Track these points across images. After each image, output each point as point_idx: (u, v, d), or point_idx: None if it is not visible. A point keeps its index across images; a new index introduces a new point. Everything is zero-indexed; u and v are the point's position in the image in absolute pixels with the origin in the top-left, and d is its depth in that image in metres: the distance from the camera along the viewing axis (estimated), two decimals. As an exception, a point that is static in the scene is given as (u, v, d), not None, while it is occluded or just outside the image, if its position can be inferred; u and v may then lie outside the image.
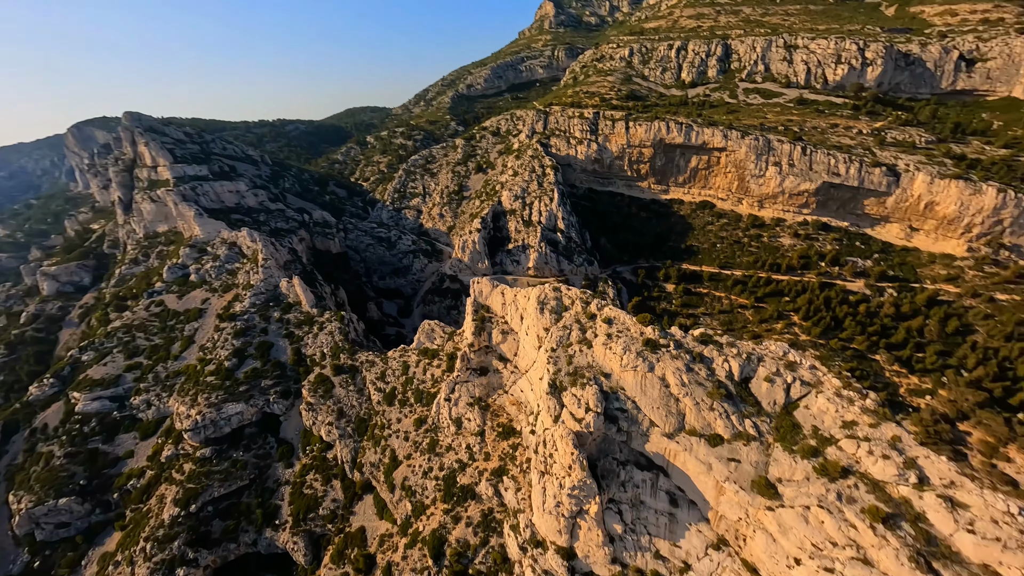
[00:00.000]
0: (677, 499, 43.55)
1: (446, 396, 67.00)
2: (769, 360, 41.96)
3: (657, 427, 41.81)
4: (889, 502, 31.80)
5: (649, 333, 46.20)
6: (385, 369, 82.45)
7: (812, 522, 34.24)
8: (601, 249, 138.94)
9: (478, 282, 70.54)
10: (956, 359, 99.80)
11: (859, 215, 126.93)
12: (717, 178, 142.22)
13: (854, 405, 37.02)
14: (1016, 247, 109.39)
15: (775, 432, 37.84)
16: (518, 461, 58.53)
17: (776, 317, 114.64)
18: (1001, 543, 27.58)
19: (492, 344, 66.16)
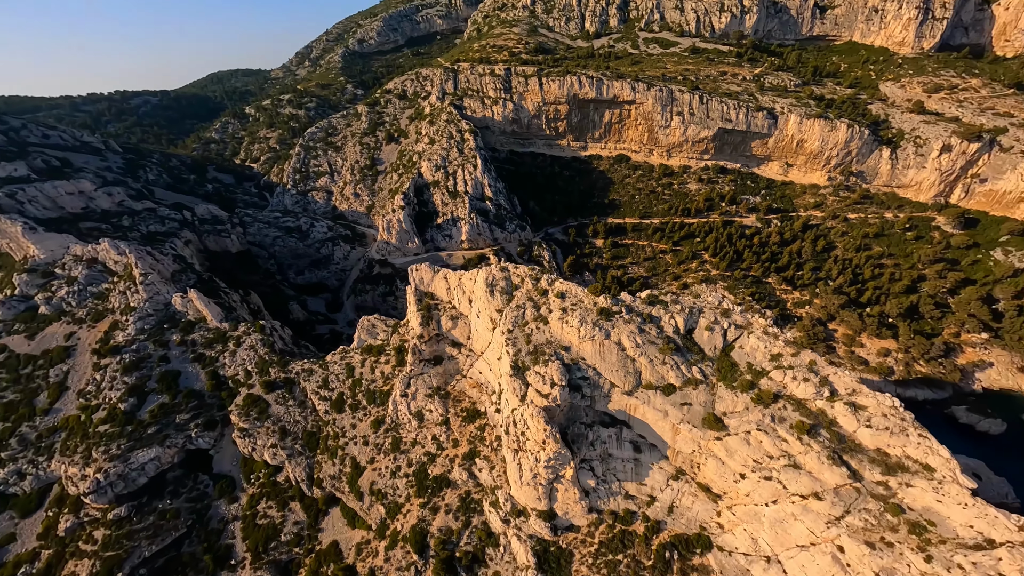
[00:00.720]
0: (640, 446, 47.50)
1: (402, 392, 63.62)
2: (708, 311, 46.11)
3: (617, 387, 44.28)
4: (810, 415, 38.05)
5: (602, 302, 47.46)
6: (327, 375, 75.26)
7: (752, 443, 39.69)
8: (531, 212, 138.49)
9: (417, 269, 65.59)
10: (824, 272, 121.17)
11: (748, 157, 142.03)
12: (629, 131, 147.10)
13: (778, 340, 42.75)
14: (860, 173, 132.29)
15: (717, 373, 42.53)
16: (487, 441, 58.81)
17: (691, 257, 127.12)
18: (889, 431, 34.77)
19: (443, 331, 63.26)
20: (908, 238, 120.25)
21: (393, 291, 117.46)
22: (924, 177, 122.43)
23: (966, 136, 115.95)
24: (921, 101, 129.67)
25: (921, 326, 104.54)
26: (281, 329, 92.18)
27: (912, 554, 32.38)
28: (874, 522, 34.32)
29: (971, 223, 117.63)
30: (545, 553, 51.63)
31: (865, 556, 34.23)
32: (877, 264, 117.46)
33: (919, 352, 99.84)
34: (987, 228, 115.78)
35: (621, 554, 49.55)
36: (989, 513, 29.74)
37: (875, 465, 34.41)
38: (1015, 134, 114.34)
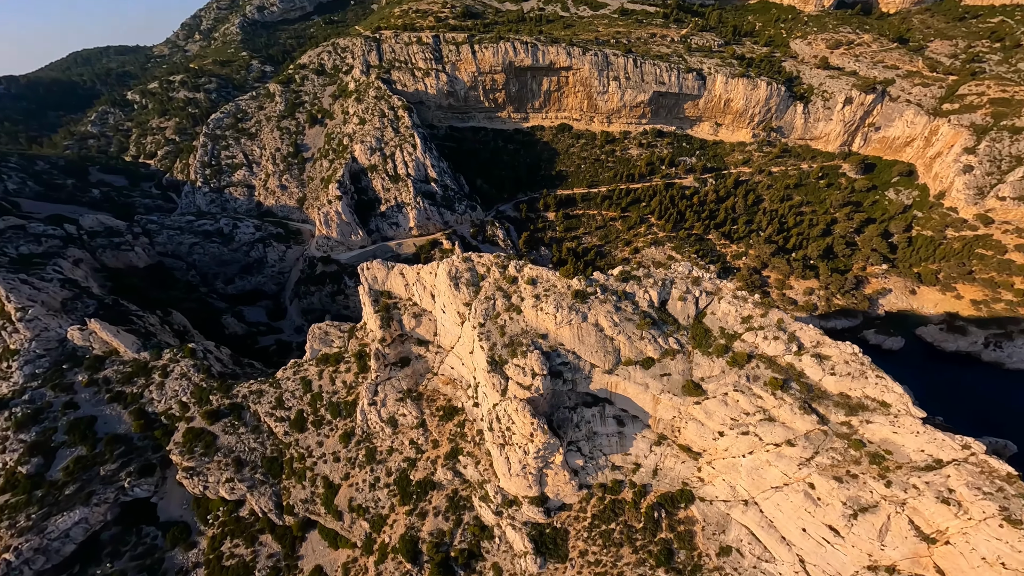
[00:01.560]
0: (623, 419, 47.33)
1: (370, 400, 58.17)
2: (679, 281, 45.68)
3: (598, 368, 43.02)
4: (780, 371, 39.46)
5: (576, 285, 45.09)
6: (280, 394, 66.95)
7: (730, 403, 40.60)
8: (479, 191, 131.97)
9: (368, 268, 58.55)
10: (756, 224, 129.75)
11: (681, 119, 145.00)
12: (569, 99, 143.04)
13: (747, 303, 43.51)
14: (779, 128, 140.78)
15: (693, 341, 42.67)
16: (469, 436, 56.05)
17: (639, 222, 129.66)
18: (851, 376, 36.91)
19: (406, 331, 57.92)
20: (821, 186, 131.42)
21: (342, 289, 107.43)
22: (831, 129, 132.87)
23: (863, 88, 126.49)
24: (826, 57, 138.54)
25: (836, 264, 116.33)
26: (217, 349, 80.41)
27: (874, 482, 35.14)
28: (840, 458, 36.81)
29: (869, 168, 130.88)
30: (541, 536, 51.12)
31: (834, 489, 36.78)
32: (798, 212, 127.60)
33: (836, 288, 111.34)
34: (882, 171, 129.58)
35: (613, 523, 50.30)
36: (937, 437, 32.78)
37: (839, 408, 36.71)
38: (901, 85, 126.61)
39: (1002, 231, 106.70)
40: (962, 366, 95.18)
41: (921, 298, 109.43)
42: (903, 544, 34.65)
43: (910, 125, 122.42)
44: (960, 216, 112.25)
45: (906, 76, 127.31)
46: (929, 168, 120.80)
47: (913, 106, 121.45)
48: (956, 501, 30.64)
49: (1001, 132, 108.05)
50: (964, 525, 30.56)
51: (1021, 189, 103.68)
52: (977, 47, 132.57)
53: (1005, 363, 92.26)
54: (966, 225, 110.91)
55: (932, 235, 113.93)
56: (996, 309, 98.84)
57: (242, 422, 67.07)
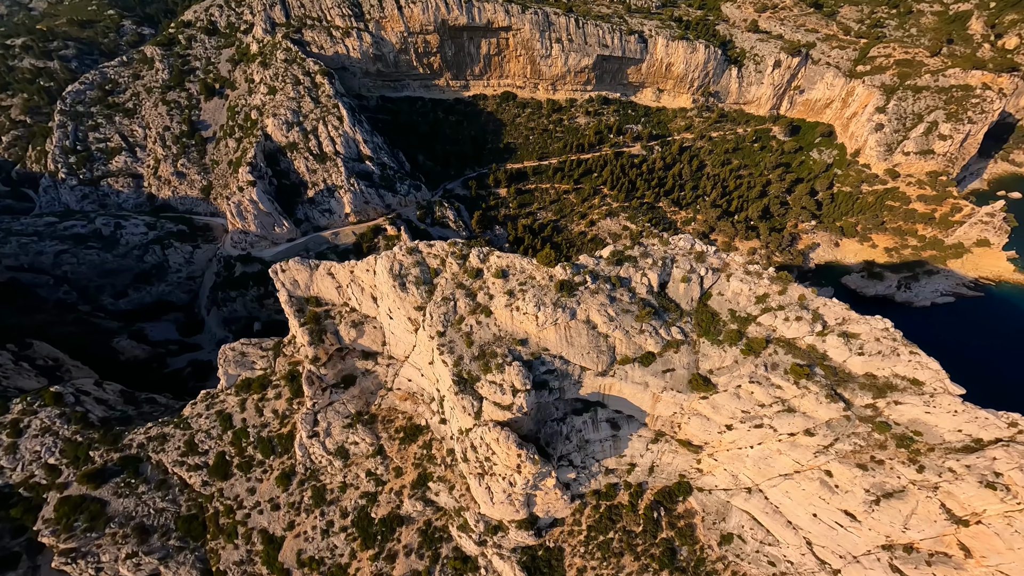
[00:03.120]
0: (617, 421, 39.01)
1: (309, 432, 44.45)
2: (681, 259, 36.56)
3: (589, 370, 33.75)
4: (801, 355, 32.65)
5: (560, 274, 34.12)
6: (191, 435, 50.18)
7: (743, 396, 33.38)
8: (422, 168, 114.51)
9: (284, 269, 42.87)
10: (701, 189, 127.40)
11: (625, 85, 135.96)
12: (511, 64, 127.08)
13: (762, 279, 35.72)
14: (716, 93, 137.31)
15: (698, 329, 34.48)
16: (438, 459, 45.03)
17: (593, 194, 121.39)
18: (881, 354, 30.95)
19: (345, 344, 44.15)
20: (755, 149, 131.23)
21: (271, 292, 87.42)
22: (762, 92, 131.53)
23: (790, 51, 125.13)
24: (755, 21, 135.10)
25: (772, 223, 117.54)
26: (98, 387, 59.72)
27: (903, 467, 29.88)
28: (863, 444, 31.27)
29: (795, 130, 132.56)
30: (533, 560, 42.55)
31: (856, 477, 31.28)
32: (737, 176, 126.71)
33: (775, 246, 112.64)
34: (806, 133, 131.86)
35: (611, 531, 42.98)
36: (980, 416, 27.89)
37: (865, 391, 31.01)
38: (821, 48, 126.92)
39: (906, 184, 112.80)
40: (882, 308, 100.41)
41: (844, 249, 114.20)
42: (930, 527, 30.11)
43: (830, 87, 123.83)
44: (873, 172, 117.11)
45: (825, 39, 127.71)
46: (846, 128, 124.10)
47: (832, 68, 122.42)
48: (1004, 485, 25.86)
49: (906, 92, 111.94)
50: (1010, 508, 25.93)
51: (922, 144, 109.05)
52: (878, 13, 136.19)
53: (913, 302, 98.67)
54: (877, 180, 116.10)
55: (850, 191, 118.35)
56: (905, 255, 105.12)
57: (141, 478, 49.71)
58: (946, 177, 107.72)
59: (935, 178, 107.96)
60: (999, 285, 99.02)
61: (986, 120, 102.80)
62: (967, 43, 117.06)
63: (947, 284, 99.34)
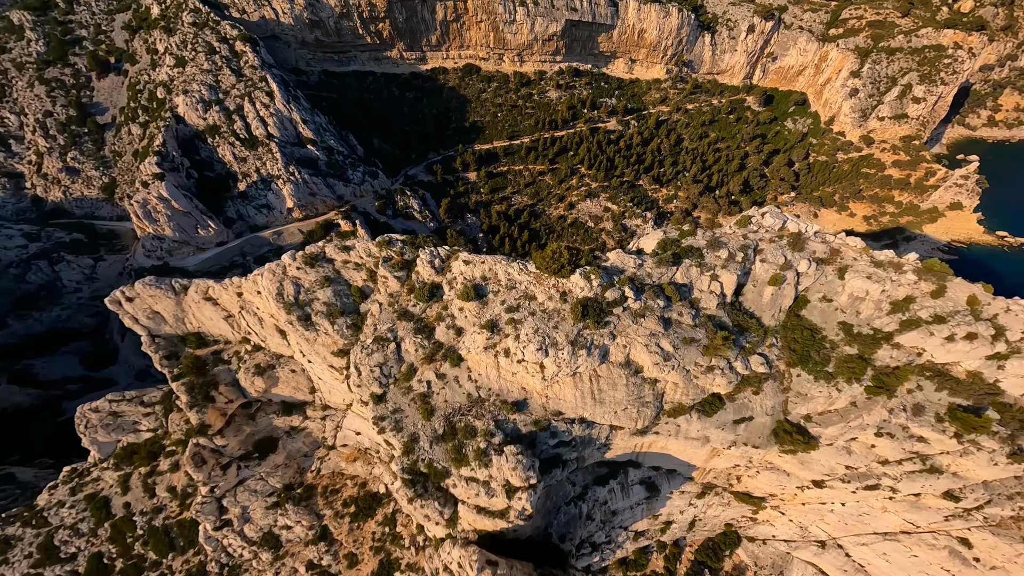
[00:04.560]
0: (654, 480, 28.42)
1: (216, 524, 30.64)
2: (769, 248, 23.57)
3: (623, 430, 22.21)
4: (962, 388, 21.02)
5: (579, 288, 21.02)
6: (49, 535, 34.38)
7: (857, 451, 22.65)
8: (379, 153, 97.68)
9: (131, 296, 27.96)
10: (681, 165, 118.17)
11: (596, 55, 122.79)
12: (471, 32, 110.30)
13: (903, 272, 22.81)
14: (690, 63, 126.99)
15: (789, 354, 22.71)
16: (405, 539, 32.69)
17: (570, 174, 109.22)
18: None
19: (254, 395, 30.19)
20: (731, 120, 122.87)
21: (199, 308, 69.97)
22: (736, 60, 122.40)
23: (762, 15, 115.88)
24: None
25: (753, 196, 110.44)
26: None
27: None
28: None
29: (769, 100, 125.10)
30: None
31: (1017, 555, 21.65)
32: (716, 149, 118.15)
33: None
34: (780, 102, 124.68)
35: (640, 597, 32.88)
36: None
37: None
38: (793, 11, 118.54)
39: (881, 150, 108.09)
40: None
41: (823, 220, 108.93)
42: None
43: (803, 53, 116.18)
44: (848, 139, 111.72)
45: (796, 2, 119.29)
46: (820, 95, 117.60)
47: (805, 32, 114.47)
48: None
49: (880, 54, 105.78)
50: None
51: (896, 108, 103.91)
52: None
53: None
54: (852, 147, 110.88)
55: (826, 160, 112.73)
56: (883, 222, 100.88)
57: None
58: (919, 141, 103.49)
59: (908, 143, 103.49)
60: (971, 247, 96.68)
61: (957, 81, 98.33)
62: (926, 7, 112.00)
63: (924, 249, 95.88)
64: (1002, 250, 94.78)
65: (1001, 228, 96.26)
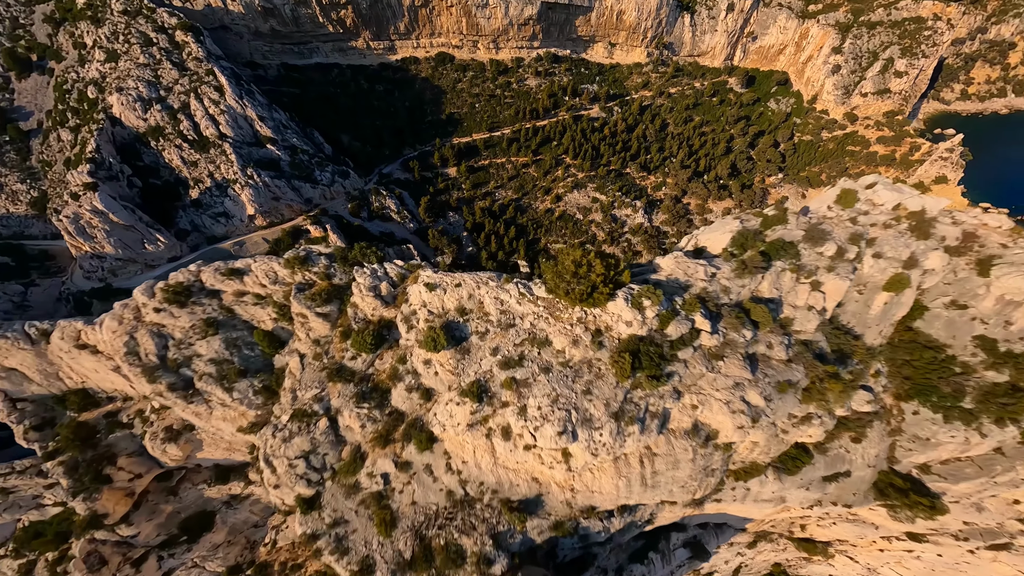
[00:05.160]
0: (700, 540, 23.02)
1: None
2: (886, 238, 16.08)
3: (675, 503, 16.07)
4: None
5: (622, 323, 13.24)
6: None
7: (992, 507, 17.33)
8: (349, 151, 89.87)
9: None
10: (668, 151, 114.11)
11: (574, 40, 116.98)
12: (442, 17, 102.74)
13: None
14: (670, 45, 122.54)
15: (900, 383, 16.10)
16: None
17: (555, 165, 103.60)
18: None
19: (169, 464, 22.51)
20: (715, 103, 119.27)
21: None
22: (716, 41, 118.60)
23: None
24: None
25: (742, 180, 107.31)
26: None
27: None
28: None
29: (751, 81, 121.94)
30: None
31: None
32: (701, 133, 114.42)
33: (748, 204, 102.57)
34: (761, 83, 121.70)
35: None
36: None
37: None
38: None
39: (864, 126, 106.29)
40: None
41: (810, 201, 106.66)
42: None
43: (783, 31, 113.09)
44: (831, 117, 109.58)
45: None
46: (801, 74, 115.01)
47: (785, 9, 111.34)
48: None
49: (861, 28, 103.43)
50: None
51: (879, 83, 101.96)
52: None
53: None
54: (836, 125, 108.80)
55: (811, 139, 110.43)
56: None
57: None
58: (902, 117, 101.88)
59: (892, 118, 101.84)
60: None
61: (937, 53, 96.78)
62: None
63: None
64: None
65: (983, 200, 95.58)
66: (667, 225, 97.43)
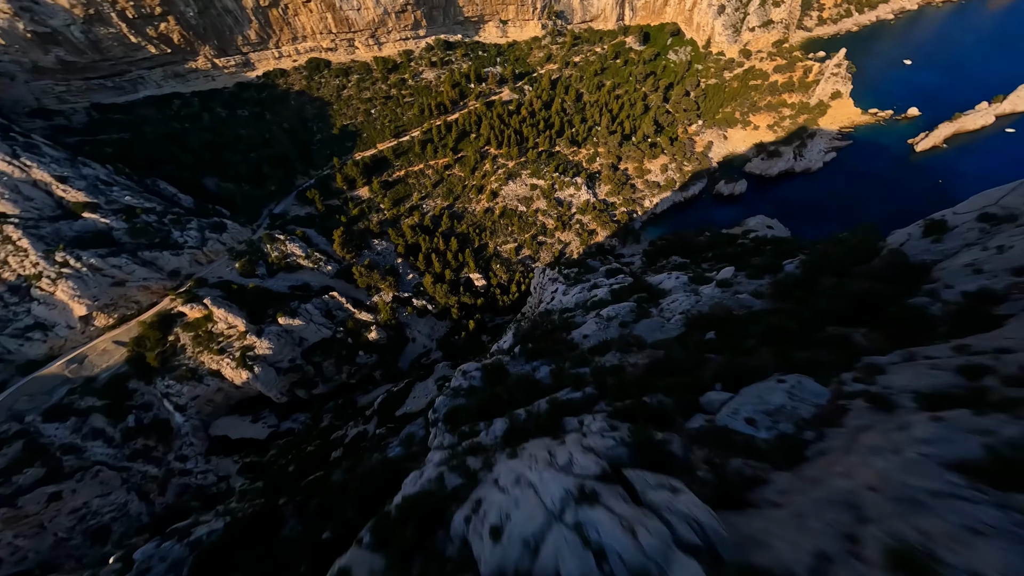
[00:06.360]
0: None
1: None
2: None
3: None
4: None
5: None
6: None
7: None
8: (219, 196, 69.76)
9: None
10: (591, 120, 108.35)
11: (463, 23, 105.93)
12: (301, 17, 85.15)
13: None
14: (561, 14, 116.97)
15: None
16: None
17: (480, 159, 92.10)
18: None
19: None
20: (619, 65, 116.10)
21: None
22: (605, 4, 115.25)
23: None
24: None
25: (667, 133, 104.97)
26: None
27: None
28: None
29: (647, 38, 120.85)
30: None
31: None
32: (616, 96, 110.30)
33: (681, 156, 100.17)
34: (656, 37, 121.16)
35: None
36: None
37: None
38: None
39: (759, 59, 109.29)
40: (790, 182, 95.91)
41: (733, 140, 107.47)
42: None
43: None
44: (728, 57, 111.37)
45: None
46: (691, 22, 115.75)
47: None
48: None
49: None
50: None
51: (762, 15, 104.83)
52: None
53: (811, 168, 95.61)
54: (735, 63, 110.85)
55: (716, 81, 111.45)
56: (785, 127, 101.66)
57: None
58: (788, 44, 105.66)
59: (780, 47, 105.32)
60: (856, 129, 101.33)
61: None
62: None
63: (824, 143, 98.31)
64: (879, 124, 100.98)
65: (872, 106, 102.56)
66: (612, 195, 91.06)
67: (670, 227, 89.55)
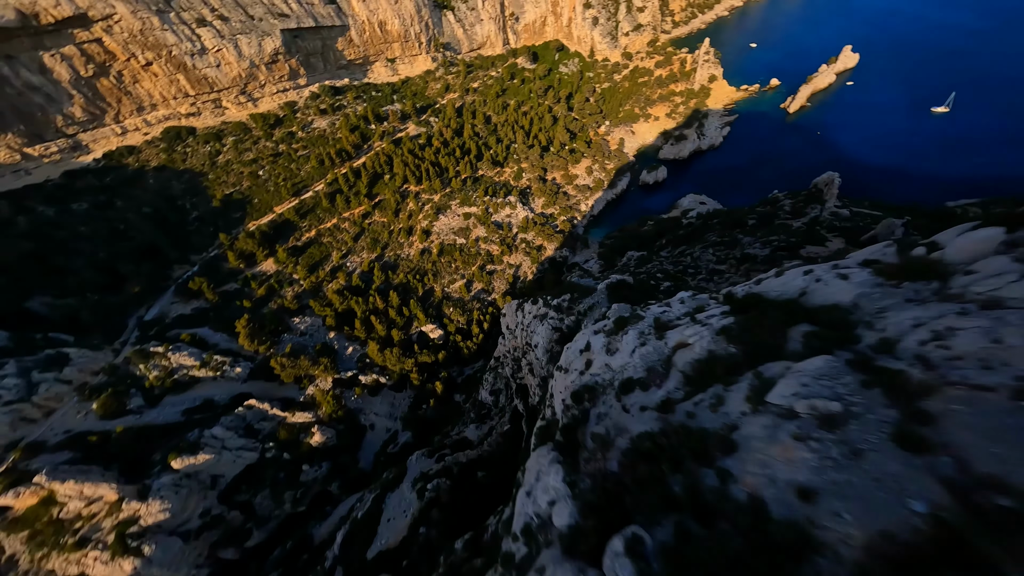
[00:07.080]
0: None
1: None
2: None
3: None
4: None
5: None
6: None
7: None
8: (58, 315, 51.54)
9: None
10: (506, 139, 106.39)
11: (347, 67, 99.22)
12: (144, 84, 71.27)
13: None
14: (449, 45, 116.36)
15: None
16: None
17: (401, 200, 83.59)
18: None
19: None
20: (517, 84, 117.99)
21: None
22: (488, 30, 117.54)
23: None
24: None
25: (581, 138, 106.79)
26: None
27: None
28: None
29: (536, 57, 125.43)
30: None
31: None
32: (524, 113, 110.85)
33: (601, 156, 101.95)
34: (544, 55, 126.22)
35: None
36: None
37: None
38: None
39: (640, 59, 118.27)
40: (701, 160, 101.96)
41: (639, 133, 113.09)
42: None
43: (537, 4, 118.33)
44: (614, 61, 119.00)
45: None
46: (571, 36, 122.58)
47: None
48: None
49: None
50: None
51: (632, 21, 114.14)
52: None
53: (715, 144, 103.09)
54: (621, 67, 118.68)
55: (609, 85, 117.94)
56: (682, 112, 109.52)
57: None
58: (660, 42, 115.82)
59: (655, 45, 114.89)
60: (737, 104, 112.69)
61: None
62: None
63: (717, 120, 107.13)
64: (753, 96, 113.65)
65: (742, 83, 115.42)
66: (548, 207, 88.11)
67: (612, 225, 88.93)
